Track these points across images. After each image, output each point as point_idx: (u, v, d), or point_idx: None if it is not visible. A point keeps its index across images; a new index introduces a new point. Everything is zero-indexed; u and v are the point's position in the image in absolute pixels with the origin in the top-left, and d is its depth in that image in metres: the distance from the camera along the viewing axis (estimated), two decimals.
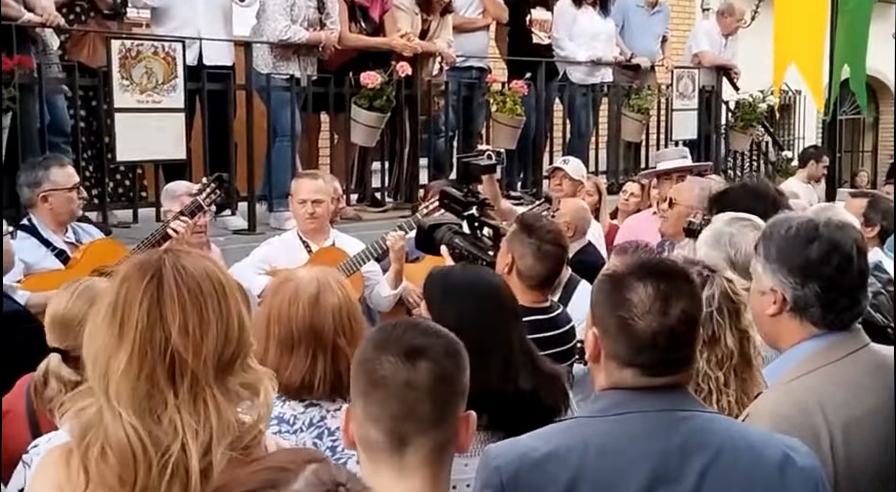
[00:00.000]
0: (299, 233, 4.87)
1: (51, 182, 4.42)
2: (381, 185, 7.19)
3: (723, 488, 1.67)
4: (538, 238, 3.29)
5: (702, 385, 2.30)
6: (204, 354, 1.63)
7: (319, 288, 2.26)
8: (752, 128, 9.59)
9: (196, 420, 1.62)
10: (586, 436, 1.71)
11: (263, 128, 6.31)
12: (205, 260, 1.73)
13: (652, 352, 1.70)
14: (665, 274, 1.74)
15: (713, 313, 2.32)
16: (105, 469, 1.61)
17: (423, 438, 1.53)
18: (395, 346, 1.55)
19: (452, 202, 3.77)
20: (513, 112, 7.29)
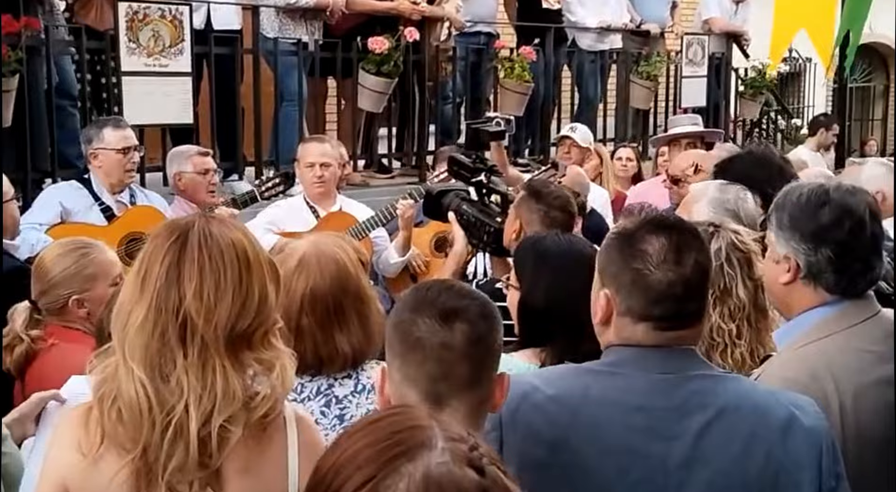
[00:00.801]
0: (306, 198, 4.87)
1: (101, 141, 4.45)
2: (387, 151, 7.17)
3: (720, 447, 1.68)
4: (546, 204, 3.29)
5: (716, 339, 2.31)
6: (215, 320, 1.64)
7: (298, 266, 2.22)
8: (761, 95, 9.52)
9: (202, 386, 1.63)
10: (588, 385, 1.73)
11: (270, 92, 6.28)
12: (237, 231, 1.73)
13: (667, 303, 1.72)
14: (675, 227, 1.77)
15: (723, 265, 2.34)
16: (118, 426, 1.64)
17: (460, 399, 1.56)
18: (431, 308, 1.57)
19: (461, 169, 3.77)
20: (521, 78, 7.24)
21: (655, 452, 1.68)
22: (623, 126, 8.63)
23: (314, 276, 2.23)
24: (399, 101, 7.10)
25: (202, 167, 4.83)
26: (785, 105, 11.13)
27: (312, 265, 2.23)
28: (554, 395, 1.70)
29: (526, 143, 7.95)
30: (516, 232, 3.31)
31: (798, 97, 12.15)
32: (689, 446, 1.68)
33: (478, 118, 7.05)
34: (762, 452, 1.69)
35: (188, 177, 4.80)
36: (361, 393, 2.25)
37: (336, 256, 2.28)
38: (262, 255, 1.74)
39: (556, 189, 3.50)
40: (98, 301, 2.81)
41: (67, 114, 5.38)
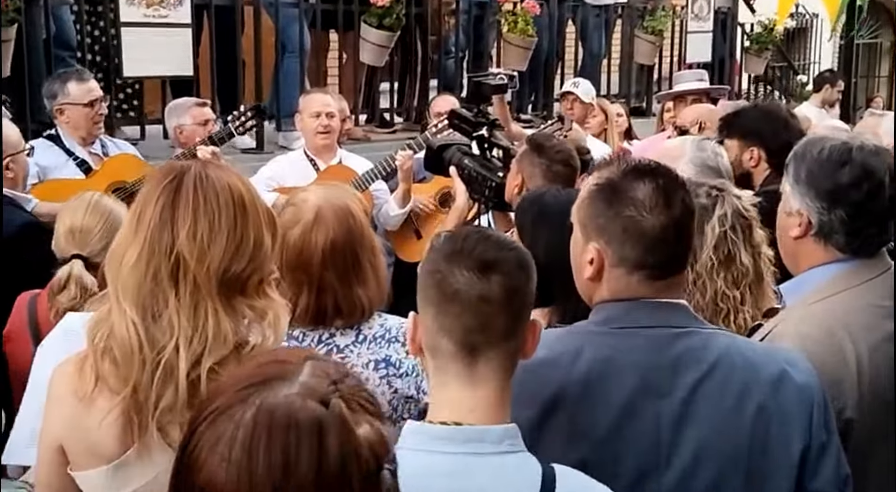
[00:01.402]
0: (306, 151, 4.84)
1: (66, 95, 4.39)
2: (389, 105, 7.12)
3: (713, 403, 1.68)
4: (548, 158, 3.26)
5: (721, 305, 2.30)
6: (208, 262, 1.64)
7: (316, 218, 2.20)
8: (766, 51, 9.43)
9: (192, 327, 1.63)
10: (580, 344, 1.73)
11: (272, 45, 6.22)
12: (234, 176, 1.72)
13: (662, 248, 1.71)
14: (658, 172, 1.75)
15: (727, 232, 2.32)
16: (109, 367, 1.64)
17: (496, 349, 1.55)
18: (468, 259, 1.55)
19: (462, 122, 3.73)
20: (524, 33, 7.16)
21: (649, 410, 1.68)
22: (627, 82, 8.56)
23: (333, 229, 2.21)
24: (401, 56, 7.04)
25: (201, 118, 4.80)
26: (790, 61, 11.02)
27: (330, 218, 2.21)
28: (545, 357, 1.69)
29: (529, 98, 7.89)
30: (518, 186, 3.28)
31: (804, 53, 12.03)
32: (681, 402, 1.68)
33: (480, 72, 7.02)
34: (753, 407, 1.69)
35: (188, 129, 4.77)
36: (363, 343, 2.24)
37: (351, 208, 2.26)
38: (259, 202, 1.73)
39: (559, 143, 3.47)
40: None
41: (67, 65, 5.32)
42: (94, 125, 4.44)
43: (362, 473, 0.99)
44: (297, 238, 2.17)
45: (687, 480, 1.67)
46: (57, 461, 1.70)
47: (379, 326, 2.27)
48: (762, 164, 3.59)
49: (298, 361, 1.07)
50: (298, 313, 2.18)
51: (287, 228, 2.17)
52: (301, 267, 2.17)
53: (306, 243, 2.18)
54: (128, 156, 4.55)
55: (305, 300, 2.19)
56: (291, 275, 2.17)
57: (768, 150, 3.58)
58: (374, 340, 2.25)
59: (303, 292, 2.19)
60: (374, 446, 1.02)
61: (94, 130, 4.46)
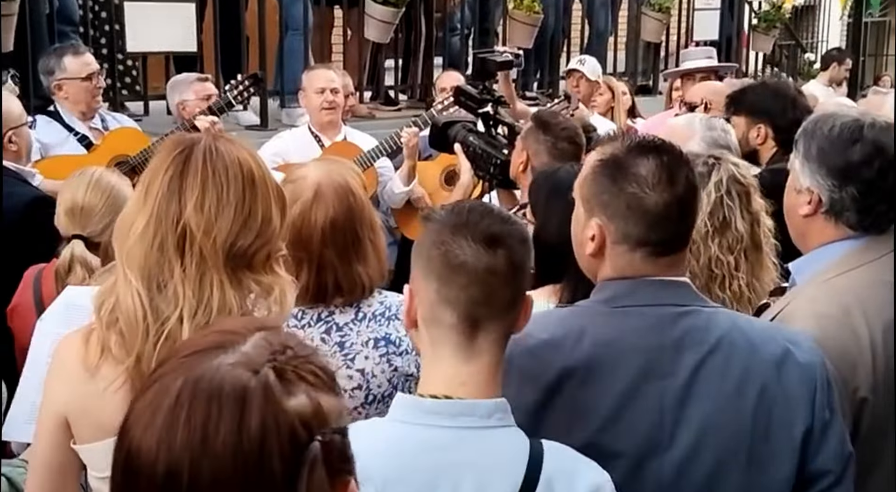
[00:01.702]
0: (311, 127, 4.82)
1: (63, 71, 4.37)
2: (394, 83, 7.08)
3: (715, 383, 1.67)
4: (553, 135, 3.24)
5: (715, 271, 2.30)
6: (214, 233, 1.63)
7: (316, 196, 2.18)
8: (774, 29, 9.35)
9: (197, 299, 1.63)
10: (583, 326, 1.72)
11: (276, 21, 6.18)
12: (245, 151, 1.71)
13: (665, 224, 1.70)
14: (662, 148, 1.74)
15: (723, 197, 2.33)
16: (115, 338, 1.64)
17: (496, 322, 1.56)
18: (475, 231, 1.55)
19: (468, 99, 3.71)
20: (530, 9, 7.10)
21: (652, 390, 1.67)
22: (633, 59, 8.51)
23: (333, 206, 2.19)
24: (405, 33, 6.99)
25: (204, 93, 4.78)
26: (798, 39, 10.94)
27: (330, 195, 2.19)
28: (548, 339, 1.69)
29: (534, 76, 7.84)
30: (523, 164, 3.27)
31: (812, 32, 11.94)
32: (684, 383, 1.67)
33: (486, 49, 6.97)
34: (756, 387, 1.68)
35: (191, 104, 4.74)
36: (362, 321, 2.24)
37: (350, 185, 2.24)
38: (268, 177, 1.72)
39: (564, 120, 3.45)
40: None
41: (69, 40, 5.29)
42: (93, 99, 4.43)
43: (286, 445, 0.96)
44: (297, 216, 2.15)
45: (689, 460, 1.66)
46: (58, 435, 1.70)
47: (379, 304, 2.26)
48: (769, 141, 3.58)
49: (248, 331, 1.04)
50: (298, 291, 2.17)
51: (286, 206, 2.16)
52: (301, 245, 2.15)
53: (306, 221, 2.17)
54: (129, 129, 4.55)
55: (305, 278, 2.18)
56: (291, 253, 2.15)
57: (776, 127, 3.56)
58: (373, 317, 2.24)
59: (302, 270, 2.17)
60: (306, 418, 0.98)
61: (93, 103, 4.45)
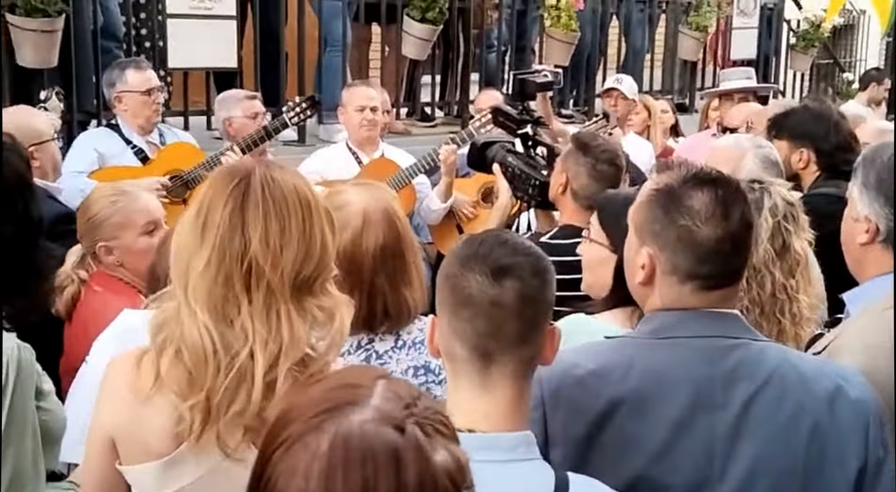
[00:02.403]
0: (349, 144, 4.84)
1: (125, 83, 4.45)
2: (431, 99, 7.11)
3: (768, 418, 1.65)
4: (593, 157, 3.22)
5: (779, 296, 2.28)
6: (281, 266, 1.62)
7: (364, 223, 2.17)
8: (813, 48, 9.29)
9: (267, 331, 1.62)
10: (632, 357, 1.70)
11: (315, 38, 6.23)
12: (297, 177, 1.71)
13: (715, 259, 1.68)
14: (719, 181, 1.73)
15: (780, 222, 2.32)
16: (178, 369, 1.63)
17: (509, 355, 1.53)
18: (482, 263, 1.53)
19: (506, 120, 3.71)
20: (567, 27, 7.10)
21: (702, 423, 1.65)
22: (670, 78, 8.48)
23: (382, 232, 2.19)
24: (443, 49, 7.02)
25: (251, 111, 4.82)
26: (837, 59, 10.86)
27: (379, 221, 2.19)
28: (596, 369, 1.67)
29: (570, 93, 7.84)
30: (562, 185, 3.25)
31: (850, 51, 11.84)
32: (735, 416, 1.65)
33: (522, 67, 6.97)
34: (808, 422, 1.66)
35: (238, 121, 4.78)
36: (402, 349, 2.23)
37: (395, 209, 2.25)
38: (320, 202, 1.72)
39: (604, 142, 3.43)
40: (128, 250, 2.83)
41: (113, 56, 5.36)
42: (151, 113, 4.49)
43: None
44: (348, 243, 2.14)
45: None
46: (107, 456, 1.71)
47: (418, 331, 2.24)
48: (811, 165, 3.55)
49: (370, 382, 1.04)
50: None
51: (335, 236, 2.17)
52: (352, 272, 2.15)
53: (357, 248, 2.16)
54: (184, 144, 4.61)
55: (357, 305, 2.18)
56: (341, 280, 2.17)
57: (818, 151, 3.53)
58: (413, 345, 2.23)
59: (353, 297, 2.18)
60: (452, 474, 1.00)
61: (152, 117, 4.51)
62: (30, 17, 4.71)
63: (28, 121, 3.49)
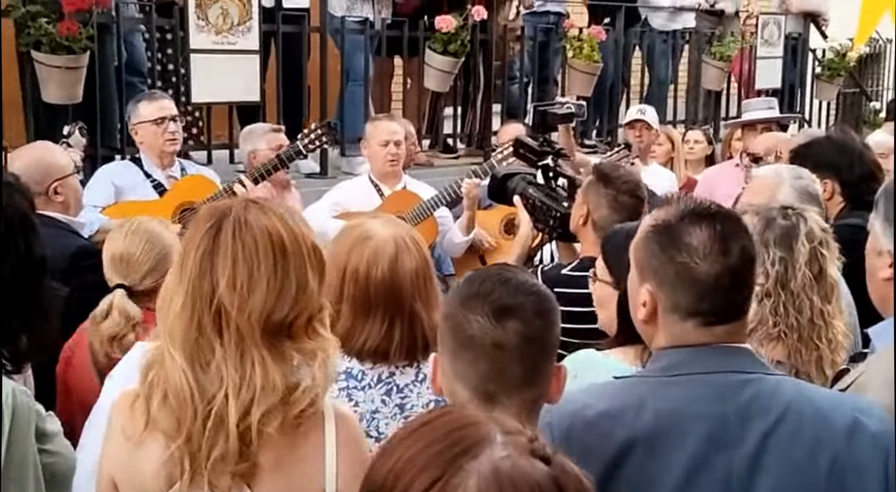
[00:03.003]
0: (371, 176, 4.84)
1: (138, 116, 4.47)
2: (453, 131, 7.12)
3: (785, 453, 1.62)
4: (615, 188, 3.19)
5: (816, 321, 2.25)
6: (248, 310, 1.62)
7: (398, 249, 2.17)
8: (839, 77, 9.23)
9: (240, 376, 1.61)
10: (643, 396, 1.67)
11: (337, 71, 6.27)
12: (275, 218, 1.68)
13: (715, 295, 1.65)
14: (717, 216, 1.69)
15: (816, 248, 2.28)
16: (164, 412, 1.63)
17: (513, 397, 1.51)
18: (484, 304, 1.50)
19: (527, 151, 3.69)
20: (590, 58, 7.12)
21: (719, 460, 1.61)
22: (694, 108, 8.45)
23: (415, 256, 2.19)
24: (465, 81, 7.04)
25: (276, 144, 4.82)
26: (863, 87, 10.78)
27: (411, 246, 2.20)
28: (607, 410, 1.64)
29: (594, 124, 7.83)
30: (583, 217, 3.23)
31: (877, 79, 11.76)
32: (752, 452, 1.62)
33: (545, 98, 6.98)
34: (827, 457, 1.62)
35: (262, 154, 4.78)
36: (423, 382, 2.20)
37: (418, 235, 2.26)
38: (302, 241, 1.69)
39: (626, 173, 3.40)
40: None
41: (137, 91, 5.41)
42: (165, 143, 4.46)
43: None
44: (386, 272, 2.14)
45: None
46: None
47: None
48: (836, 196, 3.51)
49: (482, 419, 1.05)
50: (394, 348, 2.16)
51: (371, 264, 2.15)
52: (392, 300, 2.15)
53: (395, 275, 2.15)
54: (199, 177, 4.59)
55: (399, 335, 2.17)
56: (382, 311, 2.15)
57: (843, 182, 3.49)
58: None
59: (395, 327, 2.16)
60: None
61: (165, 147, 4.47)
62: (55, 54, 4.77)
63: (50, 156, 3.50)
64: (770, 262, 2.26)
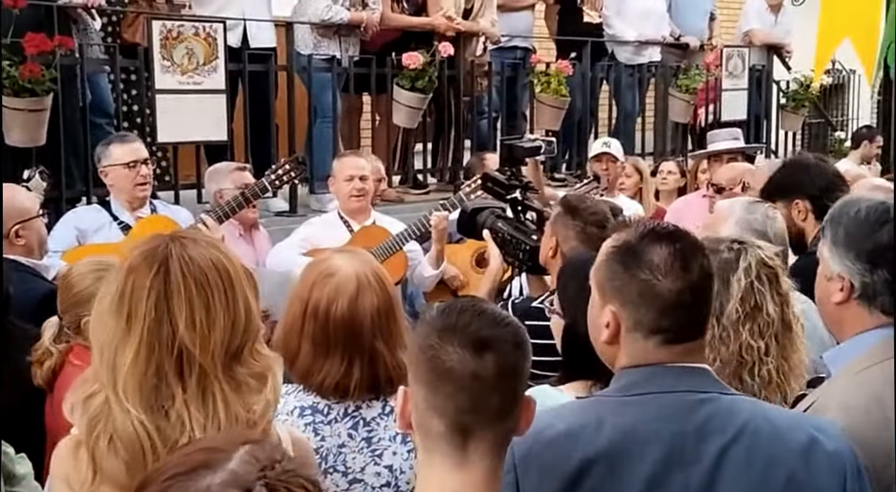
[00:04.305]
0: (340, 213, 4.82)
1: (109, 158, 4.43)
2: (423, 166, 7.12)
3: (741, 471, 1.63)
4: (582, 220, 3.19)
5: (745, 357, 2.24)
6: (211, 347, 1.61)
7: (360, 287, 2.15)
8: (803, 108, 9.35)
9: (204, 415, 1.59)
10: (602, 415, 1.68)
11: (305, 109, 6.27)
12: (211, 248, 1.68)
13: (676, 312, 1.68)
14: (675, 235, 1.73)
15: (753, 283, 2.27)
16: (114, 463, 1.59)
17: (488, 430, 1.49)
18: (462, 336, 1.49)
19: (495, 185, 3.69)
20: (557, 93, 7.16)
21: (676, 479, 1.63)
22: (661, 140, 8.52)
23: (377, 294, 2.18)
24: (434, 117, 7.05)
25: (242, 182, 4.80)
26: (828, 118, 10.93)
27: (373, 284, 2.18)
28: (567, 429, 1.65)
29: (563, 157, 7.87)
30: (552, 249, 3.22)
31: (842, 109, 11.94)
32: (708, 470, 1.63)
33: (514, 133, 7.01)
34: (783, 475, 1.64)
35: (229, 193, 4.76)
36: (389, 415, 2.19)
37: (384, 272, 2.25)
38: (239, 265, 1.69)
39: (593, 204, 3.40)
40: None
41: (104, 132, 5.37)
42: (136, 187, 4.42)
43: None
44: (346, 310, 2.13)
45: None
46: None
47: None
48: (809, 216, 3.48)
49: (232, 447, 1.04)
50: (354, 385, 2.14)
51: (331, 302, 2.14)
52: (352, 338, 2.14)
53: (354, 313, 2.14)
54: (162, 217, 4.53)
55: (359, 373, 2.15)
56: (342, 348, 2.14)
57: (811, 198, 3.49)
58: None
59: (355, 365, 2.15)
60: None
61: (136, 191, 4.43)
62: (17, 97, 4.73)
63: (13, 198, 3.45)
64: None
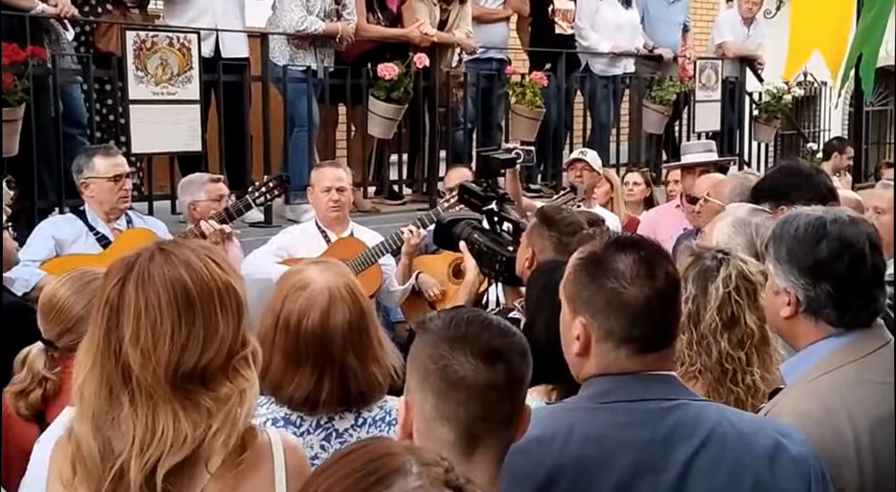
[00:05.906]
0: (318, 223, 4.81)
1: (91, 170, 4.40)
2: (398, 177, 7.11)
3: (708, 477, 1.67)
4: (558, 231, 3.20)
5: (726, 366, 2.28)
6: (152, 366, 1.60)
7: (331, 300, 2.14)
8: (776, 119, 9.43)
9: (150, 432, 1.59)
10: (572, 422, 1.70)
11: (280, 119, 6.25)
12: (181, 266, 1.65)
13: (645, 320, 1.70)
14: (639, 243, 1.76)
15: (731, 293, 2.31)
16: (81, 471, 1.63)
17: (495, 438, 1.54)
18: (474, 346, 1.52)
19: (472, 197, 3.69)
20: (532, 104, 7.19)
21: (644, 486, 1.66)
22: (636, 151, 8.57)
23: (349, 308, 2.16)
24: (410, 128, 7.05)
25: (216, 194, 4.79)
26: (800, 129, 11.03)
27: (345, 297, 2.17)
28: (538, 436, 1.66)
29: (538, 168, 7.89)
30: (529, 260, 3.22)
31: (814, 121, 12.06)
32: (676, 477, 1.66)
33: (490, 144, 7.02)
34: (749, 481, 1.68)
35: (203, 205, 4.74)
36: (362, 427, 2.18)
37: (357, 286, 2.23)
38: (212, 284, 1.66)
39: (569, 215, 3.41)
40: None
41: (77, 142, 5.33)
42: (118, 200, 4.43)
43: None
44: (316, 324, 2.12)
45: None
46: None
47: (378, 409, 2.21)
48: None
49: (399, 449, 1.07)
50: (324, 399, 2.13)
51: (302, 314, 2.13)
52: (322, 351, 2.12)
53: (325, 327, 2.13)
54: (144, 230, 4.51)
55: (329, 386, 2.14)
56: (312, 362, 2.12)
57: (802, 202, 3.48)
58: (373, 423, 2.19)
59: (325, 379, 2.13)
60: None
61: (118, 204, 4.44)
62: None
63: None
64: (685, 298, 2.28)
